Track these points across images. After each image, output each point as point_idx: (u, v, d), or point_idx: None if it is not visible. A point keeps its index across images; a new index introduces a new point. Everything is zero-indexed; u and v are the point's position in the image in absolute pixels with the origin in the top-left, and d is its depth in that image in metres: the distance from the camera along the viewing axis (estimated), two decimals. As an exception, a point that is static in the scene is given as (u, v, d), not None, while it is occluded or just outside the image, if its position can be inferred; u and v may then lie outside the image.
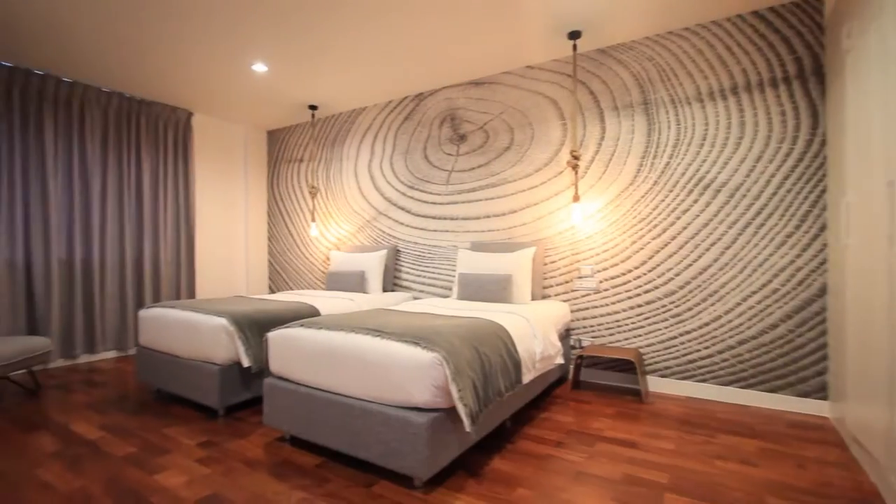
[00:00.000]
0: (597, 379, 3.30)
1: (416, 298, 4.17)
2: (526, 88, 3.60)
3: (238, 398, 2.60)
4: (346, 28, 2.99)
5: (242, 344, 2.52)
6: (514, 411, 2.36)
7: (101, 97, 3.98)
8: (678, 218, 3.00)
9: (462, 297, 3.30)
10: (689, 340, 2.96)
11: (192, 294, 4.64)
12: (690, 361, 2.96)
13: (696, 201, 2.95)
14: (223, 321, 2.53)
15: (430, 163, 4.13)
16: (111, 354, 4.09)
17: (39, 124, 3.63)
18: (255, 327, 2.63)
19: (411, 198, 4.25)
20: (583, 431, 2.39)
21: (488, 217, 3.79)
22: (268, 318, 2.74)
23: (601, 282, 3.26)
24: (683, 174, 2.99)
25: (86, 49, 3.26)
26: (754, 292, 2.78)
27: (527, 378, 2.29)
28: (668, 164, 3.04)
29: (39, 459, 2.07)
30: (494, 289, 3.13)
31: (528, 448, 2.18)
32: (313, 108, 4.60)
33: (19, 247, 3.50)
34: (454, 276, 3.94)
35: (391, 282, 4.23)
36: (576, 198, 3.16)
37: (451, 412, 1.79)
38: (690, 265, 2.96)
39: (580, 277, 3.34)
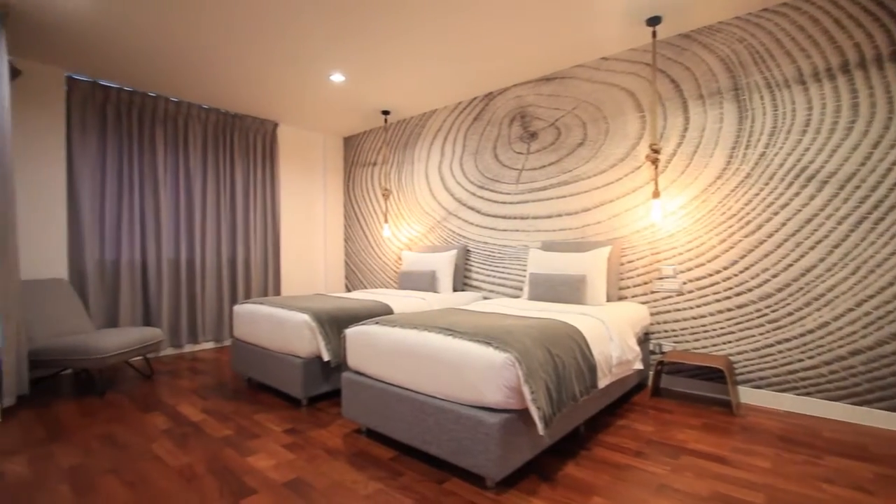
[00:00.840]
0: (679, 387, 3.09)
1: (485, 298, 4.16)
2: (600, 81, 3.46)
3: (319, 390, 2.77)
4: (417, 33, 3.06)
5: (323, 339, 2.68)
6: (588, 417, 2.28)
7: (201, 113, 4.42)
8: (775, 213, 2.72)
9: (533, 297, 3.24)
10: (790, 349, 2.67)
11: (277, 291, 5.01)
12: (791, 372, 2.67)
13: (797, 194, 2.66)
14: (306, 317, 2.70)
15: (499, 162, 4.11)
16: (210, 345, 4.53)
17: (152, 140, 4.11)
18: (334, 324, 2.77)
19: (481, 198, 4.25)
20: (665, 442, 2.24)
21: (560, 216, 3.69)
22: (345, 315, 2.88)
23: (685, 283, 3.05)
24: (782, 165, 2.71)
25: (190, 71, 3.65)
26: (870, 297, 2.44)
27: (602, 383, 2.20)
28: (763, 154, 2.77)
29: (153, 436, 2.35)
30: (567, 289, 3.04)
31: (604, 456, 2.09)
32: (386, 113, 4.76)
33: (137, 249, 3.99)
34: (525, 277, 3.89)
35: (461, 281, 4.27)
36: (656, 194, 2.98)
37: (524, 414, 1.76)
38: (790, 266, 2.67)
39: (661, 278, 3.14)
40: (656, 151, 2.97)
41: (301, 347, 2.69)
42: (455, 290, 4.24)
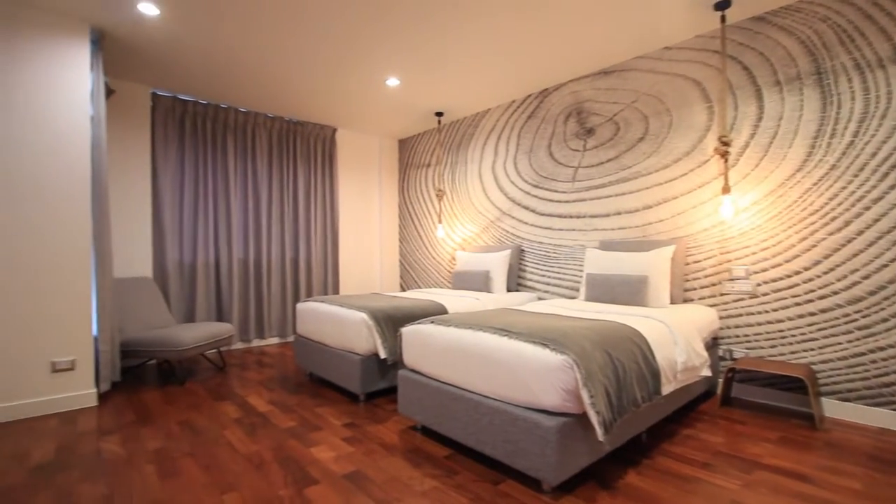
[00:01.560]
0: (753, 396, 2.87)
1: (540, 299, 4.09)
2: (663, 72, 3.29)
3: (376, 386, 2.85)
4: (471, 32, 3.07)
5: (379, 337, 2.75)
6: (651, 424, 2.18)
7: (266, 122, 4.69)
8: (867, 208, 2.46)
9: (590, 298, 3.15)
10: (885, 359, 2.41)
11: (336, 290, 5.21)
12: (886, 385, 2.40)
13: (893, 187, 2.39)
14: (364, 316, 2.79)
15: (554, 160, 4.02)
16: (275, 340, 4.80)
17: (224, 148, 4.41)
18: (390, 322, 2.84)
19: (535, 196, 4.19)
20: (736, 455, 2.10)
21: (619, 214, 3.55)
22: (401, 314, 2.94)
23: (759, 285, 2.83)
24: (874, 155, 2.44)
25: (258, 84, 3.88)
26: None
27: (666, 389, 2.09)
28: (851, 143, 2.52)
29: (226, 423, 2.52)
30: (627, 290, 2.92)
31: (668, 466, 1.99)
32: (439, 114, 4.81)
33: (211, 250, 4.30)
34: (581, 277, 3.78)
35: (515, 281, 4.23)
36: (726, 189, 2.80)
37: (582, 418, 1.72)
38: (885, 266, 2.40)
39: (732, 280, 2.94)
40: (726, 144, 2.78)
41: (359, 345, 2.78)
42: (509, 290, 4.21)
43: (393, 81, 3.89)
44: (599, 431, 1.61)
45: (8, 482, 1.88)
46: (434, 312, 3.13)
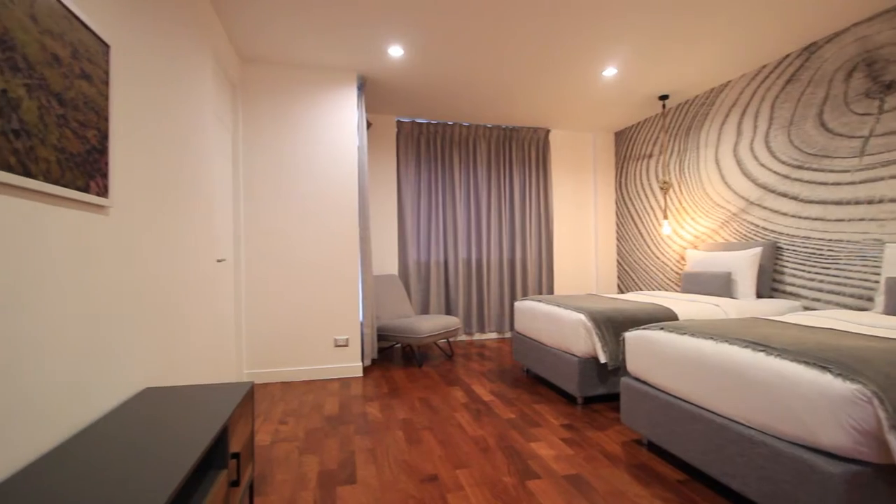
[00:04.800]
0: None
1: (807, 309, 3.25)
2: None
3: (594, 391, 2.74)
4: (705, -2, 2.66)
5: (599, 340, 2.64)
6: None
7: (485, 132, 5.06)
8: None
9: (893, 311, 2.33)
10: None
11: (550, 290, 5.24)
12: None
13: None
14: (581, 317, 2.72)
15: (828, 131, 3.13)
16: (493, 335, 5.12)
17: (450, 161, 4.95)
18: (611, 325, 2.69)
19: (799, 180, 3.34)
20: None
21: (947, 195, 2.53)
22: (622, 317, 2.75)
23: None
24: None
25: (478, 99, 4.23)
26: None
27: None
28: None
29: (455, 406, 2.81)
30: (966, 304, 2.05)
31: None
32: (664, 98, 4.33)
33: (441, 251, 4.88)
34: (877, 282, 2.84)
35: (768, 286, 3.46)
36: None
37: (887, 471, 1.28)
38: None
39: None
40: None
41: (577, 346, 2.72)
42: (759, 296, 3.48)
43: (610, 71, 3.69)
44: (921, 495, 1.17)
45: (313, 425, 2.53)
46: (662, 318, 2.82)
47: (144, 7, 1.74)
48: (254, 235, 3.41)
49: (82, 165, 1.25)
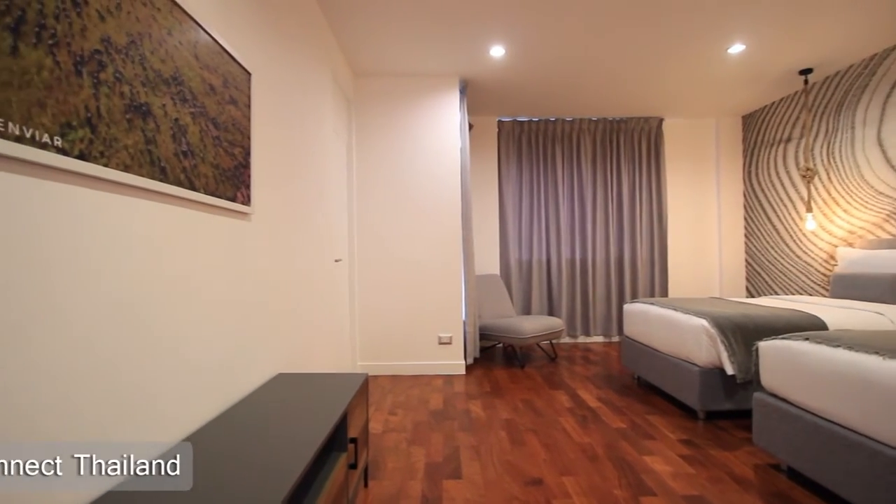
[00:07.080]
0: None
1: None
2: None
3: (719, 406, 2.46)
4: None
5: (725, 349, 2.37)
6: None
7: (590, 126, 4.83)
8: None
9: None
10: None
11: (664, 292, 4.83)
12: None
13: None
14: (704, 322, 2.46)
15: None
16: (599, 339, 4.87)
17: (553, 158, 4.82)
18: (740, 333, 2.40)
19: None
20: None
21: None
22: (754, 324, 2.44)
23: None
24: None
25: (581, 91, 4.06)
26: None
27: None
28: None
29: (560, 411, 2.73)
30: None
31: None
32: (806, 72, 3.74)
33: (543, 250, 4.78)
34: None
35: (957, 293, 2.81)
36: None
37: None
38: None
39: None
40: None
41: (698, 355, 2.48)
42: (944, 305, 2.84)
43: (737, 48, 3.28)
44: None
45: (420, 418, 2.64)
46: (805, 326, 2.44)
47: (278, 36, 1.97)
48: (365, 237, 3.67)
49: (231, 179, 1.45)
